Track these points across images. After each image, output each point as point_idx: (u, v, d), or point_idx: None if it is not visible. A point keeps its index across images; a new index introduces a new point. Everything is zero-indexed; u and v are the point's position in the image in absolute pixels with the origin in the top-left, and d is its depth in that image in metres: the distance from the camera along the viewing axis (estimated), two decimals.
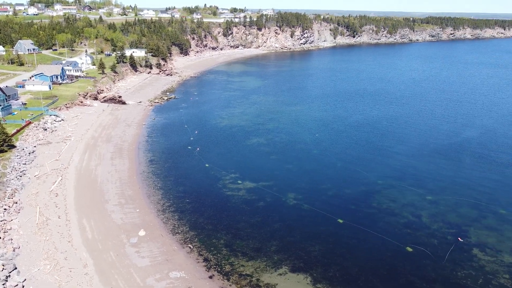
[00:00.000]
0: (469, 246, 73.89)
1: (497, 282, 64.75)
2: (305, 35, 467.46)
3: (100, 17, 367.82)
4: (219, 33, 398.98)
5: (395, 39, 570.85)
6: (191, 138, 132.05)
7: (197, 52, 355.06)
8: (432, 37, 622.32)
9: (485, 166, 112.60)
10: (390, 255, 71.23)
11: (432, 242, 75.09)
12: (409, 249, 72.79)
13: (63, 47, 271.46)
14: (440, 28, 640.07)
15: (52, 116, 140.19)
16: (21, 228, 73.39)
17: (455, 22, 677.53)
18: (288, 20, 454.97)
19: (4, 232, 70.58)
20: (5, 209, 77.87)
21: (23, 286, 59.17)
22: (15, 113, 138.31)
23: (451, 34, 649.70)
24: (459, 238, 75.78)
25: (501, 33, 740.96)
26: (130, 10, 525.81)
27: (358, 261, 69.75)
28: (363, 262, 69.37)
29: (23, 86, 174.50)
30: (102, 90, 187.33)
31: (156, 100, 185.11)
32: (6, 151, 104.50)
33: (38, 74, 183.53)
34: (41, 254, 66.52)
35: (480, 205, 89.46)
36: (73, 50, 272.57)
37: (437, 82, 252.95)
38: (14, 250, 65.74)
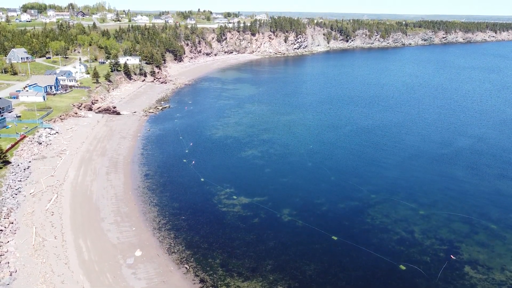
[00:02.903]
0: (461, 264, 75.19)
1: None
2: (299, 40, 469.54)
3: (94, 24, 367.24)
4: (213, 38, 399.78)
5: (388, 43, 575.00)
6: (186, 151, 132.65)
7: (191, 58, 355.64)
8: (424, 41, 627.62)
9: (476, 179, 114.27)
10: (383, 274, 72.33)
11: (424, 259, 76.32)
12: (402, 267, 73.95)
13: (57, 55, 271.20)
14: (432, 32, 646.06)
15: (47, 129, 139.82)
16: (18, 250, 73.67)
17: (447, 25, 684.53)
18: (282, 25, 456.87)
19: (1, 255, 70.80)
20: (1, 230, 78.06)
21: None
22: (9, 126, 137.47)
23: (443, 38, 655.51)
24: (451, 256, 77.04)
25: (493, 36, 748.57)
26: (124, 15, 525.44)
27: (352, 280, 70.79)
28: (357, 281, 70.41)
29: (17, 97, 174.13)
30: (97, 100, 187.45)
31: (151, 110, 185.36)
32: (1, 168, 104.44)
33: (32, 85, 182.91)
34: (38, 278, 66.84)
35: (471, 220, 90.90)
36: (66, 58, 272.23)
37: (430, 88, 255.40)
38: (11, 274, 66.05)
